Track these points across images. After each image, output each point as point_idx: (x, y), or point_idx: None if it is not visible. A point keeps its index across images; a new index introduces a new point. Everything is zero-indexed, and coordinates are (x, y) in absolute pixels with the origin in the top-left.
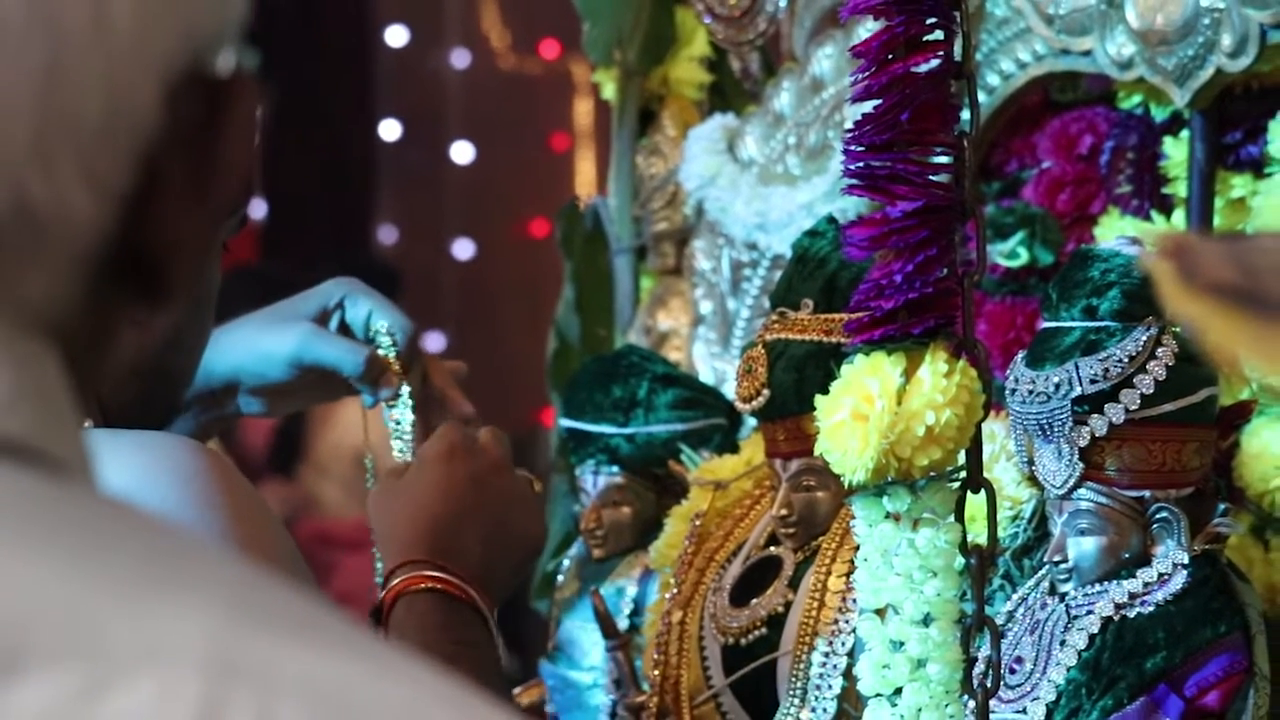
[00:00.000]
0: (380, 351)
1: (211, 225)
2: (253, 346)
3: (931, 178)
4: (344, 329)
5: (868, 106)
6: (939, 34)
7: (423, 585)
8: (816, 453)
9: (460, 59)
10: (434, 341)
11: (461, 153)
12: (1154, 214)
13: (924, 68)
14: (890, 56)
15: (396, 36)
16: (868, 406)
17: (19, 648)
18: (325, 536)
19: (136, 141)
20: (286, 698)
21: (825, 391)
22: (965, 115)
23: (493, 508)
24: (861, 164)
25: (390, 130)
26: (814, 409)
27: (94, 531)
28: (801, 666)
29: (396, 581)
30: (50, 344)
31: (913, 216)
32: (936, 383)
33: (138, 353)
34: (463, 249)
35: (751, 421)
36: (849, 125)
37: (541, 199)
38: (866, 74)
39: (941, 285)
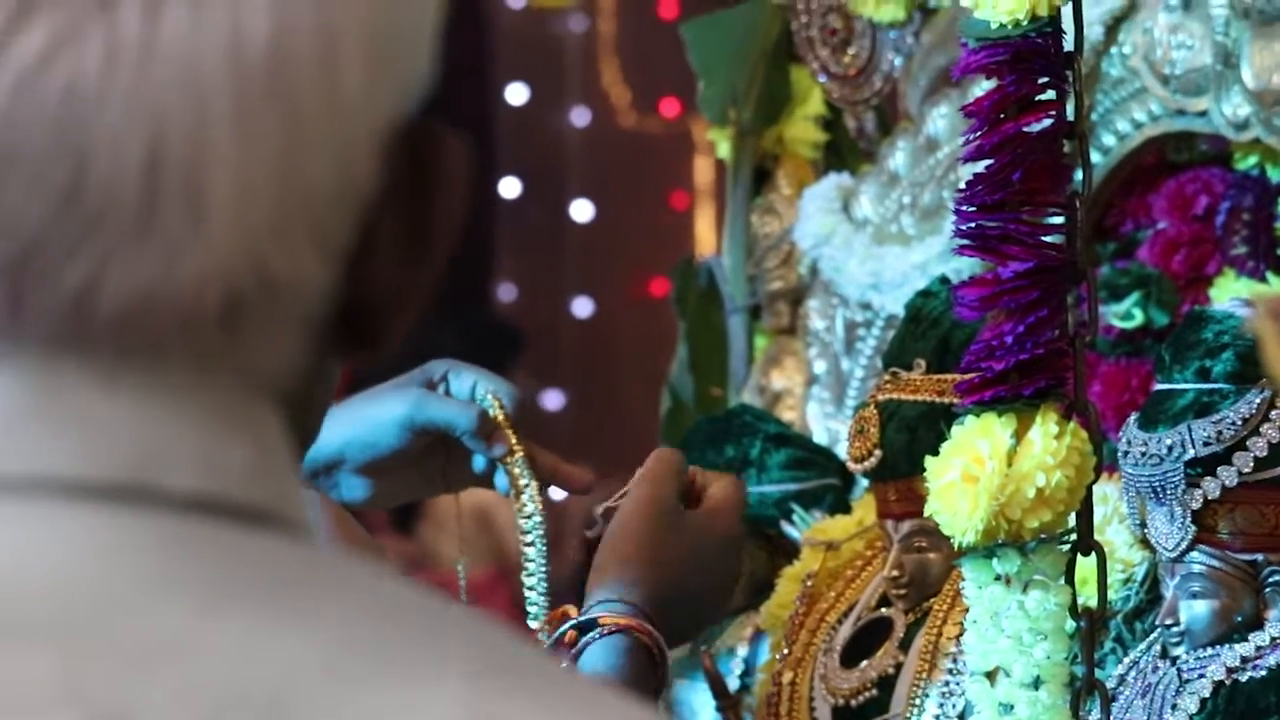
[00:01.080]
0: (489, 412)
1: (426, 280)
2: (361, 415)
3: (1043, 238)
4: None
5: (980, 166)
6: (1051, 93)
7: (636, 632)
8: (927, 514)
9: (580, 117)
10: (552, 400)
11: (581, 211)
12: (1270, 275)
13: (1036, 127)
14: (1002, 116)
15: (517, 94)
16: (978, 468)
17: (289, 705)
18: (443, 591)
19: (358, 202)
20: None
21: (937, 453)
22: (1078, 175)
23: (729, 562)
24: (973, 224)
25: (510, 188)
26: (925, 470)
27: (343, 593)
28: None
29: (606, 615)
30: (275, 406)
31: (1024, 277)
32: (1047, 444)
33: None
34: (582, 307)
35: (864, 482)
36: (961, 185)
37: (661, 257)
38: (978, 133)
39: (1053, 346)
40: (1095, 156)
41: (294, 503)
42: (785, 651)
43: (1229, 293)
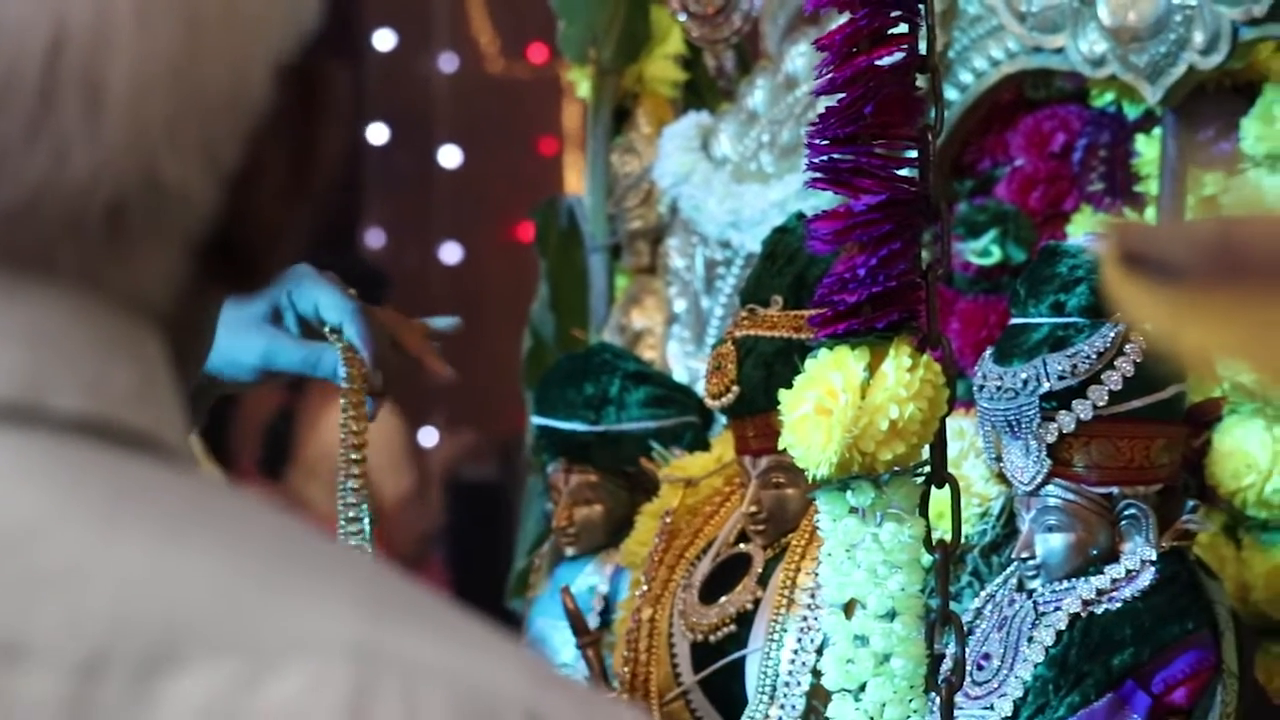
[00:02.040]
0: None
1: (305, 215)
2: (221, 352)
3: (895, 171)
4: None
5: (833, 100)
6: (903, 27)
7: None
8: (781, 447)
9: (448, 63)
10: None
11: (449, 157)
12: (1126, 211)
13: (887, 61)
14: (855, 50)
15: (384, 40)
16: (831, 401)
17: (179, 639)
18: None
19: (247, 124)
20: (430, 686)
21: (792, 388)
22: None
23: None
24: (826, 157)
25: (378, 134)
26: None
27: (231, 524)
28: (770, 663)
29: None
30: (158, 331)
31: (876, 210)
32: (900, 377)
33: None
34: (450, 253)
35: (723, 420)
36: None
37: (528, 203)
38: (830, 67)
39: (905, 279)
40: (952, 94)
41: (177, 428)
42: (645, 588)
43: (1086, 229)
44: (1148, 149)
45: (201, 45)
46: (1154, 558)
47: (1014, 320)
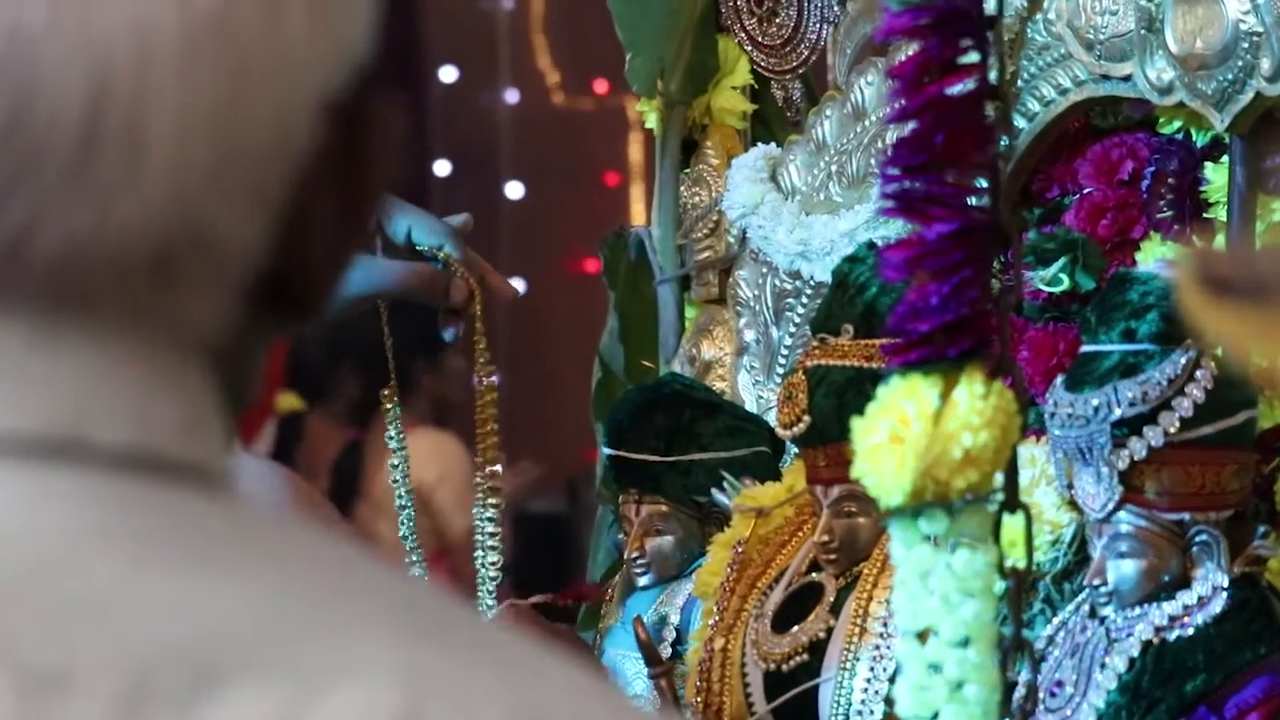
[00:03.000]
0: (443, 269)
1: (349, 250)
2: None
3: (967, 200)
4: (390, 248)
5: (904, 129)
6: (974, 56)
7: None
8: (853, 476)
9: (511, 96)
10: None
11: (514, 190)
12: (1195, 239)
13: (958, 89)
14: (925, 79)
15: (447, 75)
16: (904, 429)
17: (223, 664)
18: None
19: (294, 165)
20: (482, 705)
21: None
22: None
23: None
24: (897, 186)
25: (442, 169)
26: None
27: (274, 550)
28: (843, 692)
29: None
30: (206, 366)
31: (948, 239)
32: (973, 404)
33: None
34: (515, 286)
35: (794, 449)
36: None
37: (594, 236)
38: (901, 97)
39: (977, 307)
40: (1021, 122)
41: (223, 462)
42: (717, 618)
43: (1155, 257)
44: (1216, 176)
45: (247, 91)
46: (1225, 584)
47: (1085, 348)
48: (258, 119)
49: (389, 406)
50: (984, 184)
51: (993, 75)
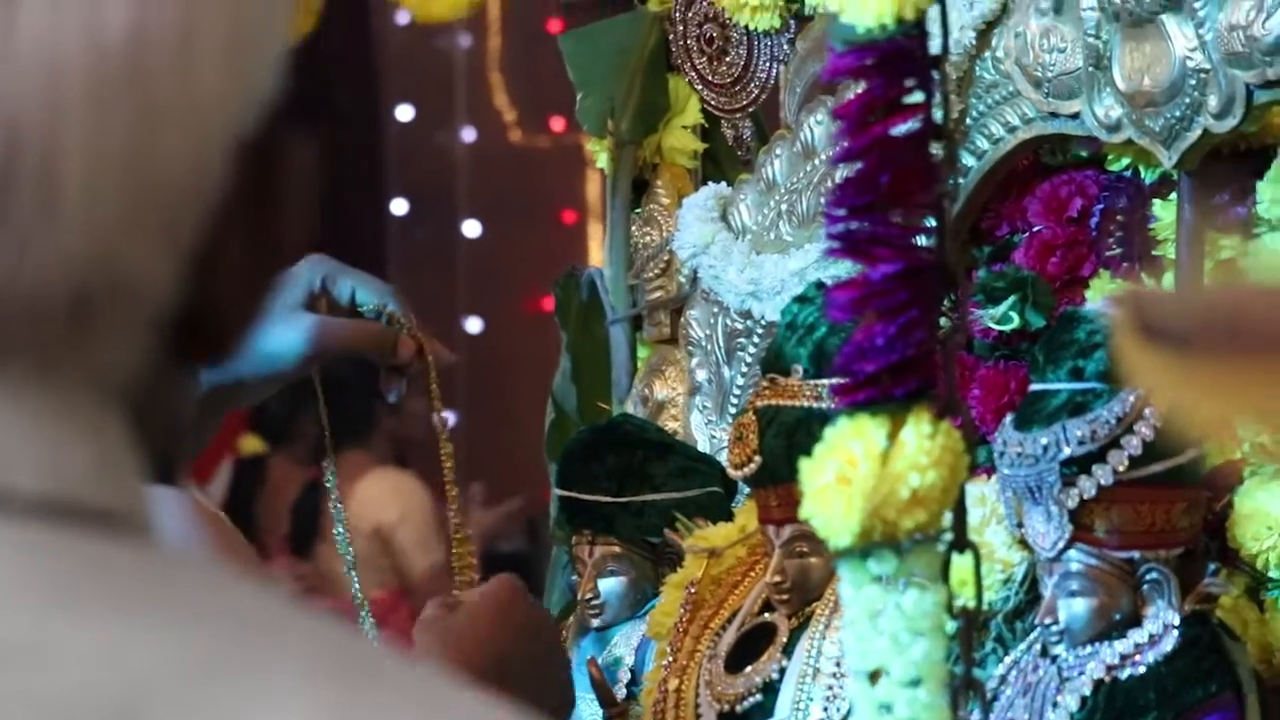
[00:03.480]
0: (391, 327)
1: (265, 288)
2: (255, 352)
3: (913, 240)
4: (333, 310)
5: (850, 170)
6: (919, 96)
7: None
8: (801, 516)
9: (468, 135)
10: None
11: (470, 229)
12: (1144, 276)
13: (903, 129)
14: (870, 119)
15: (404, 114)
16: (851, 470)
17: (141, 707)
18: (341, 614)
19: (207, 205)
20: None
21: None
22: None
23: (538, 662)
24: (843, 227)
25: (398, 207)
26: None
27: (193, 597)
28: None
29: None
30: (120, 408)
31: (894, 279)
32: (920, 444)
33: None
34: (473, 325)
35: (747, 490)
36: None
37: (551, 274)
38: (846, 137)
39: (924, 347)
40: (969, 160)
41: (140, 506)
42: (670, 659)
43: (1104, 295)
44: (1165, 213)
45: (158, 131)
46: (1177, 621)
47: (1033, 386)
48: (171, 158)
49: (328, 477)
50: (930, 223)
51: (938, 115)
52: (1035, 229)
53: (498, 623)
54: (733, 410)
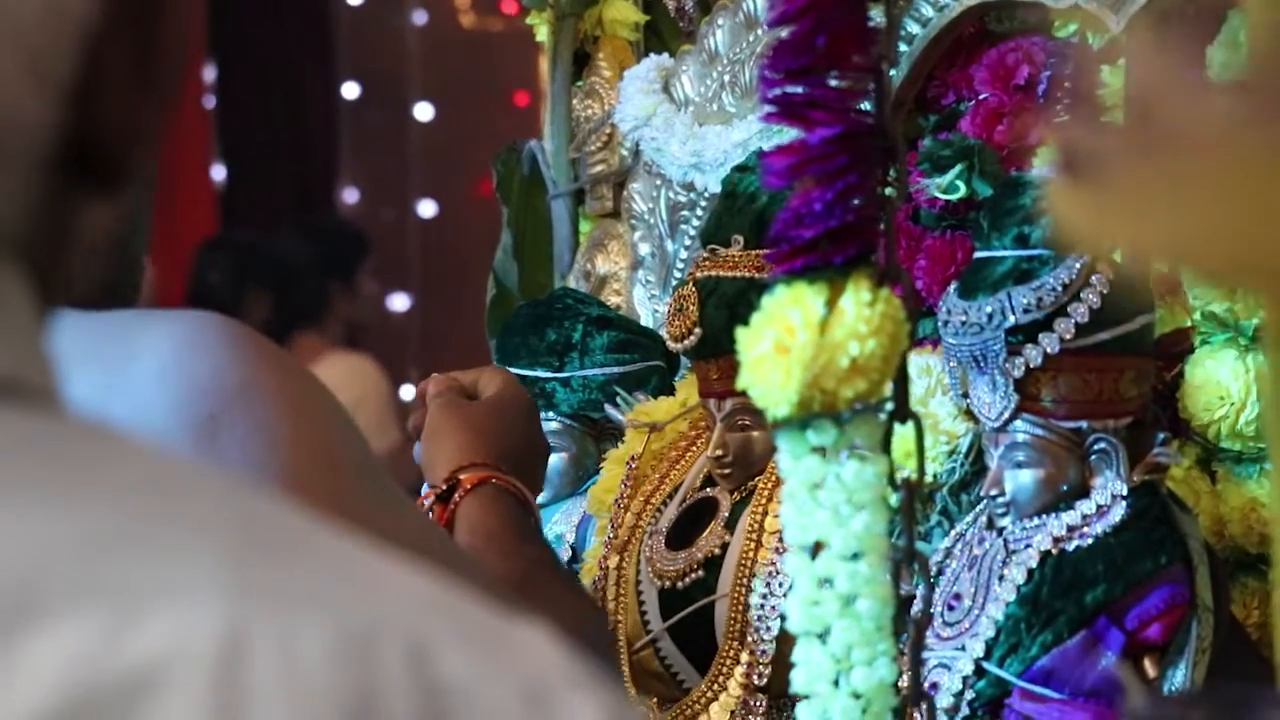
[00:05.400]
0: None
1: (159, 108)
2: None
3: (851, 104)
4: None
5: (785, 33)
6: None
7: (502, 484)
8: (739, 387)
9: (420, 17)
10: (400, 301)
11: (423, 112)
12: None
13: None
14: None
15: None
16: (789, 339)
17: (30, 598)
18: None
19: (77, 31)
20: (308, 621)
21: None
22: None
23: (539, 445)
24: (779, 91)
25: (351, 91)
26: None
27: (91, 468)
28: (740, 608)
29: (468, 475)
30: (12, 258)
31: (832, 144)
32: (859, 312)
33: (98, 237)
34: (426, 209)
35: (688, 363)
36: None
37: None
38: None
39: (863, 213)
40: (914, 27)
41: (38, 365)
42: (611, 535)
43: (1050, 162)
44: (1114, 80)
45: None
46: (1125, 492)
47: (977, 254)
48: None
49: None
50: (870, 88)
51: None
52: (982, 97)
53: (512, 414)
54: (676, 284)
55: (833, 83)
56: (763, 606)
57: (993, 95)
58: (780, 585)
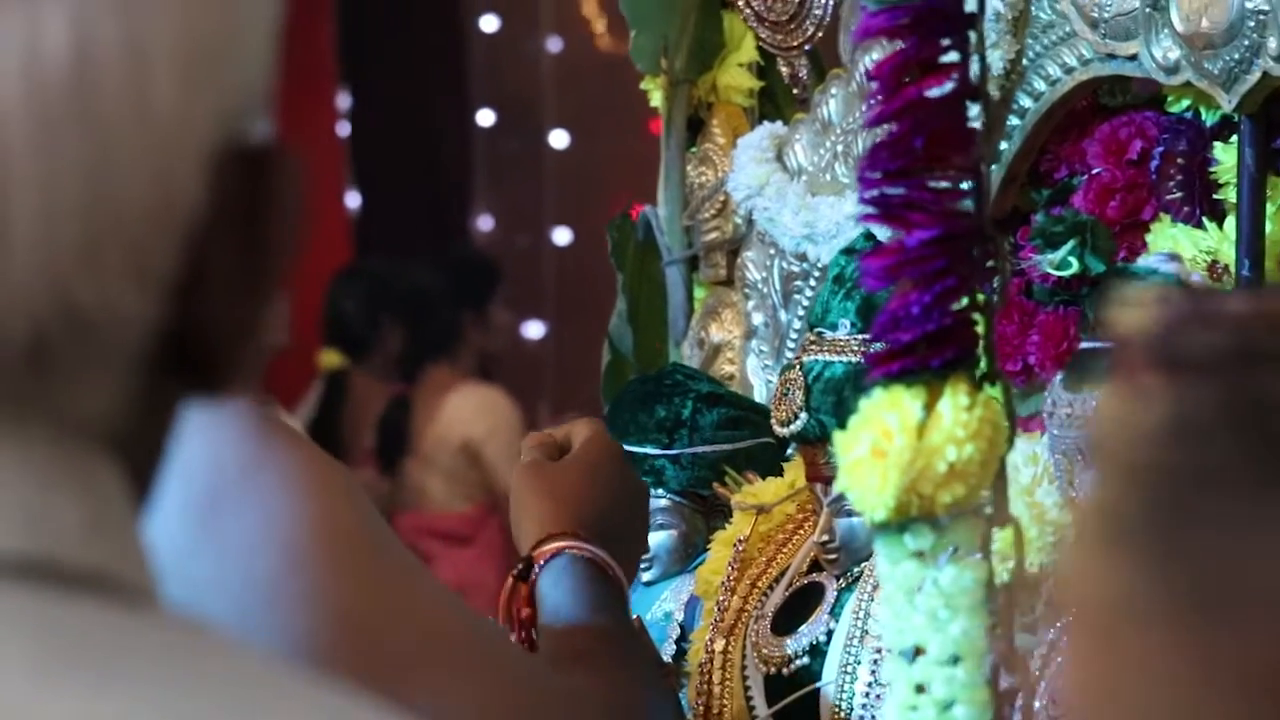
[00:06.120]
0: None
1: (263, 305)
2: None
3: (949, 205)
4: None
5: (884, 133)
6: (954, 55)
7: (578, 553)
8: (836, 489)
9: (555, 44)
10: (534, 330)
11: (558, 139)
12: (1205, 220)
13: (938, 91)
14: (904, 80)
15: (489, 24)
16: (886, 442)
17: None
18: (429, 529)
19: (184, 225)
20: None
21: None
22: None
23: (634, 499)
24: (877, 192)
25: (485, 118)
26: None
27: (179, 665)
28: (845, 696)
29: (541, 551)
30: (108, 452)
31: (930, 245)
32: (957, 417)
33: None
34: (561, 236)
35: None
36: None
37: (639, 184)
38: (880, 98)
39: (961, 316)
40: (1026, 101)
41: (132, 560)
42: (718, 618)
43: (1164, 238)
44: (1226, 156)
45: (114, 157)
46: None
47: (1083, 345)
48: (132, 190)
49: None
50: (968, 187)
51: (974, 75)
52: (1094, 171)
53: (602, 473)
54: (790, 354)
55: (931, 184)
56: (868, 695)
57: (1105, 170)
58: (886, 674)
